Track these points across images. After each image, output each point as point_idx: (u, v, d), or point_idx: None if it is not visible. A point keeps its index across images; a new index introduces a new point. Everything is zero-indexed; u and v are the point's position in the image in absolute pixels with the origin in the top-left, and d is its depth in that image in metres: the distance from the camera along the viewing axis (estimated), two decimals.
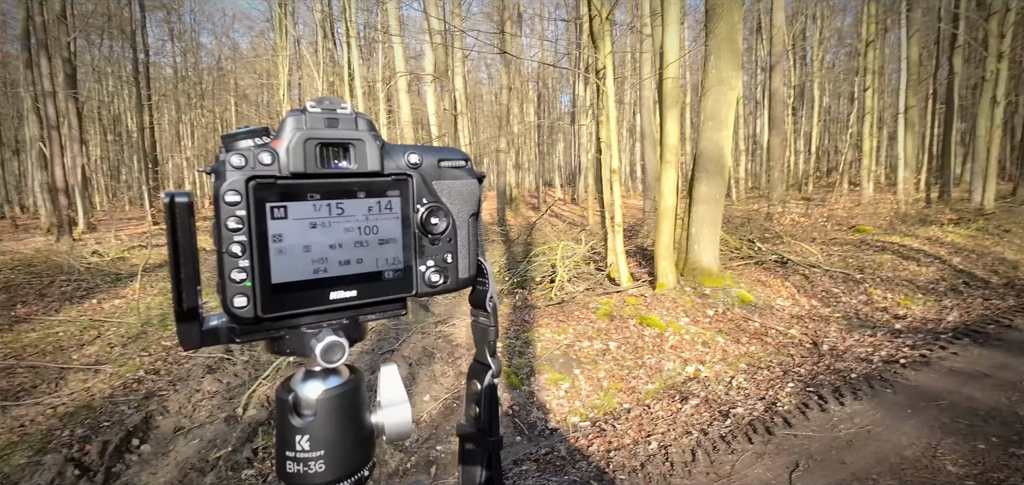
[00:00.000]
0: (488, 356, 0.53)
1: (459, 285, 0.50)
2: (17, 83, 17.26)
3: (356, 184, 0.43)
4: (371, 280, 0.45)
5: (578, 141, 22.09)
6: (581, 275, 7.04)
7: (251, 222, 0.39)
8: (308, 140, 0.41)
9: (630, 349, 4.92)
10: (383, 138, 0.45)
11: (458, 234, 0.49)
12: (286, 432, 0.43)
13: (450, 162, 0.48)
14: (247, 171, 0.39)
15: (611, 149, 6.74)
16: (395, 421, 0.46)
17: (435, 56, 13.33)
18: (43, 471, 3.08)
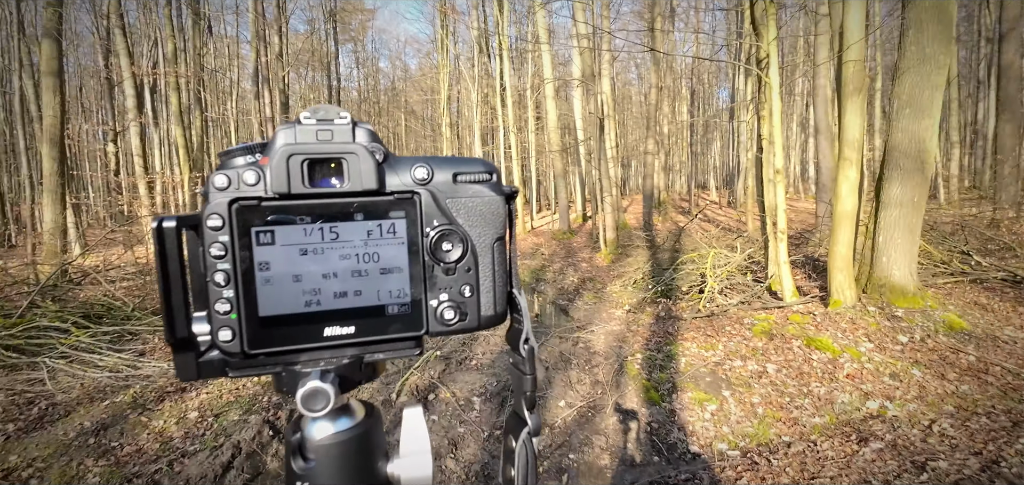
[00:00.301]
0: (525, 409, 0.44)
1: (482, 324, 0.42)
2: (248, 111, 21.62)
3: (351, 205, 0.38)
4: (372, 315, 0.39)
5: (737, 139, 20.21)
6: (735, 286, 6.40)
7: (234, 249, 0.36)
8: (292, 156, 0.36)
9: (793, 374, 4.31)
10: (386, 150, 0.39)
11: (479, 262, 0.41)
12: (290, 477, 0.38)
13: (469, 176, 0.41)
14: (231, 192, 0.36)
15: (774, 146, 6.01)
16: (413, 474, 0.40)
17: (582, 61, 13.33)
18: (248, 428, 3.77)
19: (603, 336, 5.64)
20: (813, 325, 5.13)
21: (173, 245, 0.35)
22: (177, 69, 13.47)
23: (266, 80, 16.17)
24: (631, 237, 13.49)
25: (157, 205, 13.35)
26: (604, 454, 3.53)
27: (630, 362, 4.84)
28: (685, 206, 21.93)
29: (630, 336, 5.58)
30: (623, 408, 4.05)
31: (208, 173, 0.34)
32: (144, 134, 13.59)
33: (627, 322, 6.13)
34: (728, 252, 7.03)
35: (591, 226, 15.31)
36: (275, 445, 3.69)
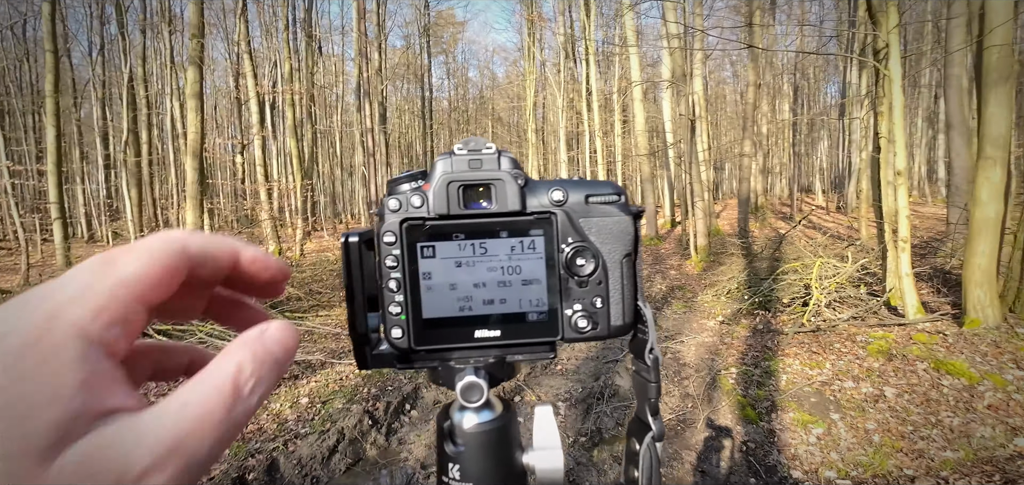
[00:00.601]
0: (649, 415, 0.47)
1: (612, 333, 0.46)
2: (351, 123, 23.38)
3: (497, 224, 0.43)
4: (515, 321, 0.44)
5: (847, 138, 18.38)
6: (845, 300, 5.84)
7: (404, 261, 0.42)
8: (451, 182, 0.42)
9: (918, 400, 3.85)
10: (526, 176, 0.44)
11: (609, 276, 0.45)
12: (442, 457, 0.44)
13: (600, 197, 0.45)
14: (401, 213, 0.42)
15: (895, 145, 5.41)
16: (546, 466, 0.44)
17: (673, 61, 12.87)
18: (350, 416, 4.09)
19: (694, 348, 5.41)
20: (943, 346, 4.54)
21: (356, 256, 0.43)
22: (293, 87, 14.93)
23: (367, 94, 17.40)
24: (724, 244, 12.76)
25: (274, 209, 14.87)
26: (695, 471, 3.39)
27: (723, 376, 4.59)
28: (786, 211, 20.32)
29: (723, 349, 5.30)
30: (716, 424, 3.86)
31: (383, 197, 0.43)
32: (265, 146, 15.21)
33: (720, 334, 5.82)
34: (837, 262, 6.42)
35: (680, 232, 14.68)
36: (374, 434, 3.97)
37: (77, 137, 21.74)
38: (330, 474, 3.57)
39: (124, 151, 15.70)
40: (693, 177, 11.08)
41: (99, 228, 20.39)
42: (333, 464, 3.64)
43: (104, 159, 20.33)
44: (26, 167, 16.73)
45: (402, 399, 4.46)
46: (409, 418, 4.30)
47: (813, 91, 28.63)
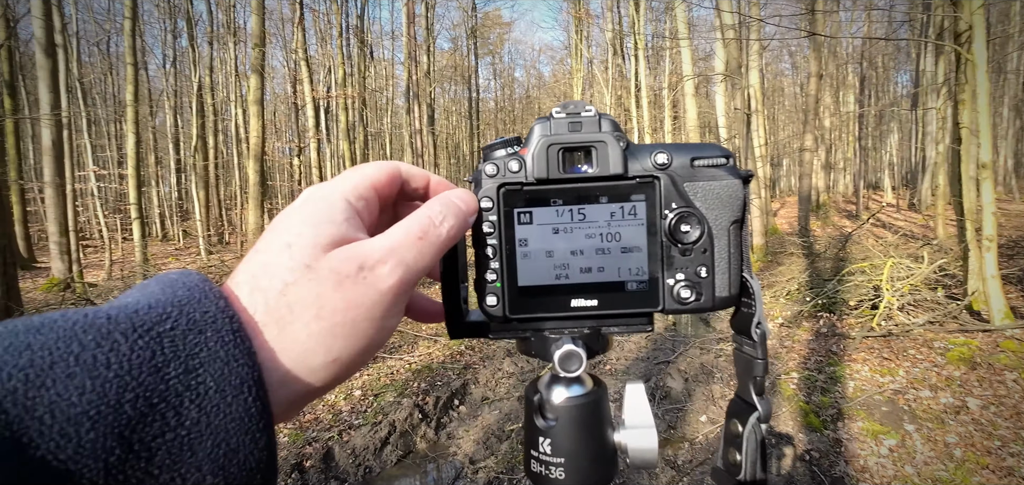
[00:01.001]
0: (754, 394, 0.44)
1: (716, 304, 0.43)
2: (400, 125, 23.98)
3: (598, 189, 0.42)
4: (613, 290, 0.42)
5: (921, 130, 17.09)
6: (920, 303, 5.42)
7: (501, 227, 0.41)
8: (551, 145, 0.41)
9: (1006, 413, 3.52)
10: (628, 139, 0.42)
11: (715, 244, 0.42)
12: (532, 431, 0.43)
13: (706, 160, 0.42)
14: (498, 179, 0.41)
15: (978, 136, 4.97)
16: (640, 445, 0.42)
17: (727, 53, 12.38)
18: (401, 409, 4.18)
19: None
20: None
21: None
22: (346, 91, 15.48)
23: (416, 96, 17.79)
24: (783, 243, 12.17)
25: None
26: None
27: (784, 381, 4.37)
28: (851, 209, 19.16)
29: (783, 352, 5.04)
30: (776, 431, 3.68)
31: (478, 164, 0.42)
32: (320, 148, 15.85)
33: (780, 337, 5.55)
34: (911, 263, 5.96)
35: None
36: (423, 427, 4.05)
37: (152, 143, 23.44)
38: (382, 465, 3.67)
39: (193, 156, 16.79)
40: None
41: (171, 228, 21.91)
42: (385, 455, 3.74)
43: (176, 163, 21.83)
44: (109, 171, 18.21)
45: (451, 394, 4.51)
46: (458, 413, 4.35)
47: (882, 80, 26.81)
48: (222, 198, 21.03)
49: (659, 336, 5.79)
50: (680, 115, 18.28)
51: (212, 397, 0.25)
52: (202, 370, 0.25)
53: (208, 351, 0.25)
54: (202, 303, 0.27)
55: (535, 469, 0.43)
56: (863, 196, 18.72)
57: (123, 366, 0.23)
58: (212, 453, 0.24)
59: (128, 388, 0.23)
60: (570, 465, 0.41)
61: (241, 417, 0.25)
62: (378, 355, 5.46)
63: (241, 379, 0.26)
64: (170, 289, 0.27)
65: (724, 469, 0.47)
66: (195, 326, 0.26)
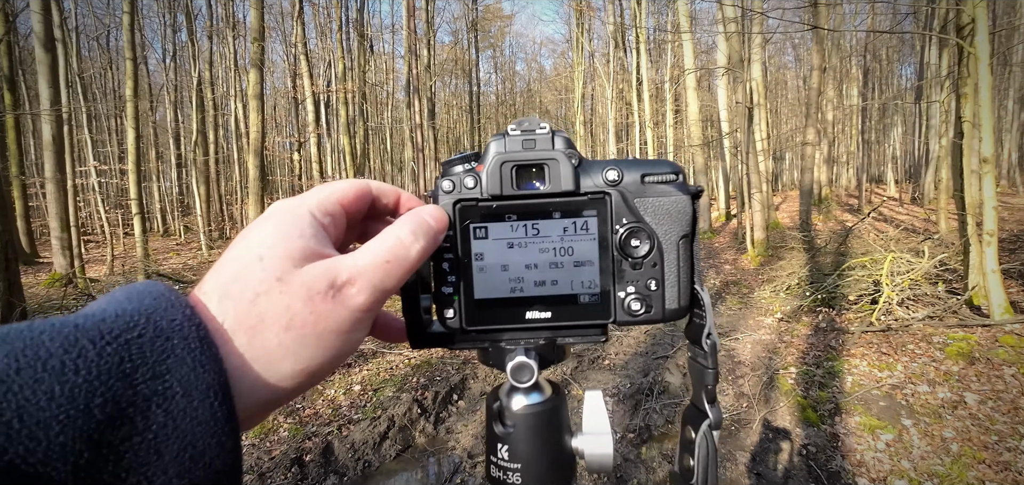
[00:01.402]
0: (706, 402, 0.45)
1: (667, 316, 0.44)
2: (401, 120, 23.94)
3: (551, 205, 0.43)
4: (566, 303, 0.43)
5: (924, 123, 17.00)
6: (920, 298, 5.41)
7: (457, 242, 0.42)
8: (504, 163, 0.42)
9: (1004, 408, 3.52)
10: (580, 155, 0.43)
11: (665, 258, 0.43)
12: (491, 438, 0.44)
13: (656, 177, 0.43)
14: (454, 195, 0.42)
15: (981, 130, 4.94)
16: (596, 451, 0.43)
17: (729, 46, 12.31)
18: (400, 404, 4.20)
19: (750, 345, 5.18)
20: None
21: None
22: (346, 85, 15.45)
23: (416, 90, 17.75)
24: (784, 237, 12.14)
25: None
26: (750, 474, 3.25)
27: (782, 376, 4.37)
28: (853, 203, 19.10)
29: (782, 347, 5.04)
30: (773, 426, 3.69)
31: (436, 177, 0.43)
32: (320, 143, 15.84)
33: (779, 331, 5.55)
34: (911, 257, 5.95)
35: (735, 225, 14.12)
36: (422, 422, 4.06)
37: (153, 138, 23.45)
38: (381, 459, 3.68)
39: (194, 151, 16.80)
40: (750, 167, 10.60)
41: (173, 223, 21.96)
42: (384, 450, 3.75)
43: (176, 158, 21.84)
44: (110, 167, 18.24)
45: (450, 389, 4.53)
46: (457, 408, 4.36)
47: (885, 74, 26.66)
48: (223, 193, 21.03)
49: (658, 332, 5.79)
50: (682, 108, 18.21)
51: (179, 401, 0.25)
52: (169, 376, 0.26)
53: (175, 357, 0.26)
54: (169, 312, 0.27)
55: (494, 474, 0.44)
56: (866, 190, 18.66)
57: (91, 371, 0.23)
58: (179, 456, 0.25)
59: (97, 393, 0.23)
60: (526, 470, 0.42)
61: (207, 421, 0.26)
62: (378, 350, 5.47)
63: (207, 384, 0.26)
64: (137, 298, 0.28)
65: (680, 474, 0.48)
66: (162, 333, 0.26)
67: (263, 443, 3.79)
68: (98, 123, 22.08)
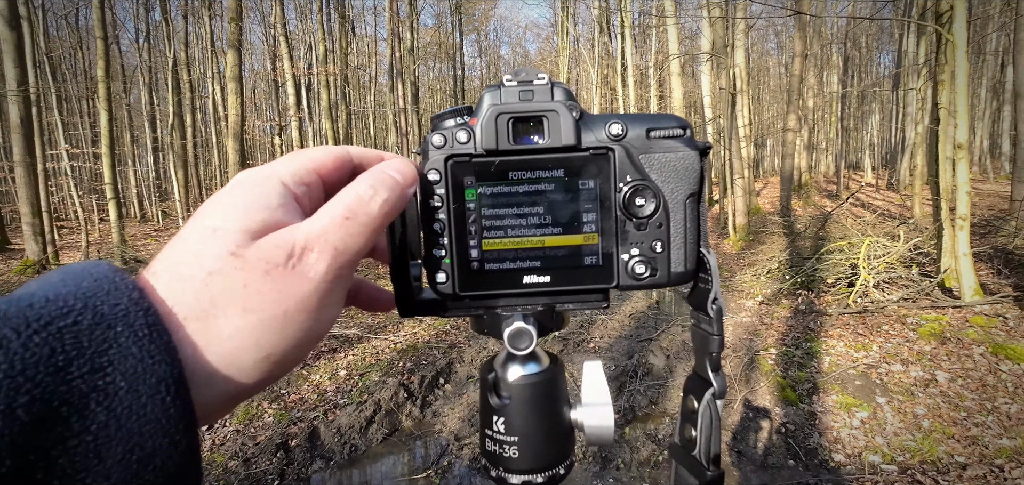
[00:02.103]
0: (709, 370, 0.43)
1: (672, 280, 0.42)
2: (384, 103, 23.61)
3: (550, 160, 0.40)
4: (566, 266, 0.41)
5: (902, 111, 17.34)
6: (895, 280, 5.56)
7: (449, 201, 0.39)
8: (500, 115, 0.39)
9: (973, 385, 3.66)
10: (582, 108, 0.40)
11: (671, 218, 0.41)
12: (486, 410, 0.42)
13: (662, 131, 0.40)
14: (446, 150, 0.39)
15: (956, 117, 5.06)
16: (596, 422, 0.41)
17: (713, 32, 12.36)
18: (386, 388, 4.20)
19: (731, 328, 5.28)
20: (1003, 330, 4.28)
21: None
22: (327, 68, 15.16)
23: (399, 74, 17.49)
24: (765, 223, 12.35)
25: None
26: (730, 451, 3.33)
27: (762, 357, 4.47)
28: (832, 189, 19.47)
29: (763, 329, 5.15)
30: (753, 405, 3.78)
31: (425, 134, 0.39)
32: (302, 127, 15.56)
33: (759, 314, 5.66)
34: (887, 241, 6.10)
35: (718, 211, 14.29)
36: (409, 406, 4.07)
37: (127, 121, 22.78)
38: (367, 443, 3.69)
39: (170, 134, 16.37)
40: (733, 153, 10.72)
41: (150, 208, 21.44)
42: (370, 434, 3.76)
43: (153, 142, 21.26)
44: (83, 150, 17.69)
45: (436, 373, 4.54)
46: (443, 391, 4.38)
47: (865, 61, 27.10)
48: (201, 177, 20.58)
49: (642, 314, 5.87)
50: (666, 94, 18.28)
51: (123, 398, 0.22)
52: (111, 369, 0.22)
53: (119, 348, 0.23)
54: (112, 295, 0.24)
55: (489, 448, 0.42)
56: (844, 176, 19.02)
57: (14, 366, 0.20)
58: (124, 459, 0.22)
59: (21, 391, 0.20)
60: (524, 444, 0.40)
61: (158, 419, 0.23)
62: (363, 335, 5.45)
63: (158, 377, 0.23)
64: (74, 281, 0.24)
65: (681, 445, 0.47)
66: (103, 320, 0.23)
67: (247, 429, 3.76)
68: (69, 105, 21.35)
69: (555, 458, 0.42)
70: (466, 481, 3.32)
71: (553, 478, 0.42)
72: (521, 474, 0.41)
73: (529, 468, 0.41)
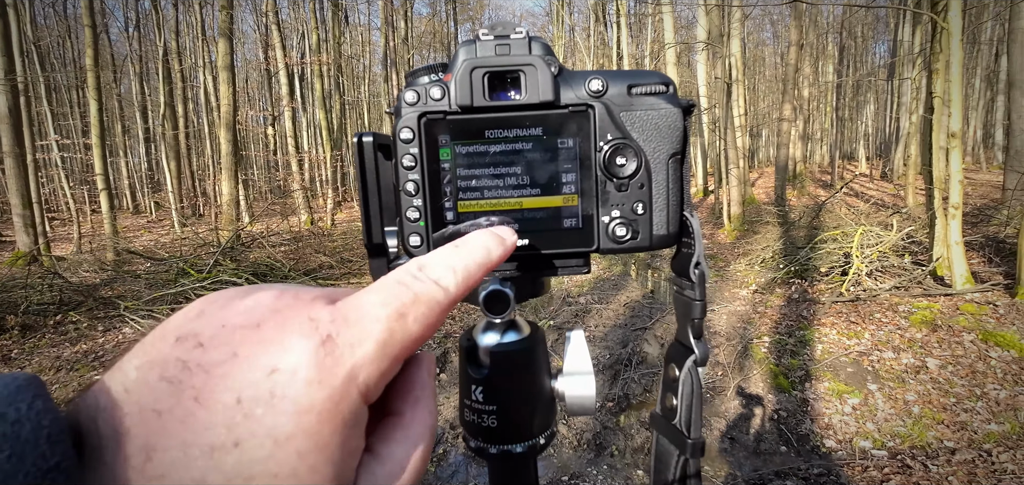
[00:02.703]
0: (691, 337, 0.42)
1: (654, 243, 0.40)
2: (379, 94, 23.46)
3: (527, 117, 0.38)
4: (545, 229, 0.39)
5: (896, 100, 17.39)
6: (887, 269, 5.60)
7: (423, 160, 0.38)
8: (475, 69, 0.37)
9: (962, 372, 3.69)
10: (561, 64, 0.38)
11: (653, 178, 0.39)
12: (465, 380, 0.41)
13: (645, 87, 0.39)
14: (419, 107, 0.37)
15: (950, 105, 5.07)
16: (577, 392, 0.40)
17: (709, 21, 12.33)
18: None
19: (725, 316, 5.31)
20: (993, 317, 4.32)
21: (371, 158, 0.40)
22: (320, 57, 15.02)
23: (393, 64, 17.36)
24: (759, 212, 12.38)
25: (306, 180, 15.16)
26: (723, 438, 3.36)
27: (755, 345, 4.50)
28: (826, 179, 19.53)
29: (756, 317, 5.18)
30: (746, 392, 3.80)
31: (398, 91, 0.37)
32: (295, 117, 15.44)
33: (753, 303, 5.69)
34: (880, 230, 6.13)
35: (713, 201, 14.33)
36: None
37: (118, 112, 22.54)
38: None
39: (162, 124, 16.21)
40: (728, 143, 10.72)
41: (143, 200, 21.28)
42: None
43: (144, 133, 21.06)
44: (73, 140, 17.50)
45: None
46: (438, 381, 4.38)
47: (860, 51, 27.11)
48: (194, 169, 20.43)
49: (637, 303, 5.88)
50: None
51: None
52: None
53: None
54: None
55: (467, 418, 0.41)
56: (838, 166, 19.09)
57: None
58: None
59: None
60: (502, 413, 0.40)
61: None
62: None
63: None
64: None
65: (661, 415, 0.46)
66: None
67: None
68: (58, 95, 21.11)
69: (536, 427, 0.41)
70: (462, 469, 3.33)
71: (533, 448, 0.41)
72: (500, 444, 0.40)
73: (507, 438, 0.40)
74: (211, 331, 0.20)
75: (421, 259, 0.26)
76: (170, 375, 0.18)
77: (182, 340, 0.19)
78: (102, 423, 0.18)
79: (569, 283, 6.77)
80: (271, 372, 0.19)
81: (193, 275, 6.37)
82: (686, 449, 0.44)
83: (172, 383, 0.18)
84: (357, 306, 0.22)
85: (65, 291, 6.10)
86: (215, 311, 0.21)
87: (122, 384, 0.18)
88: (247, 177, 16.31)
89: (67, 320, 5.41)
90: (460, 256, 0.27)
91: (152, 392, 0.18)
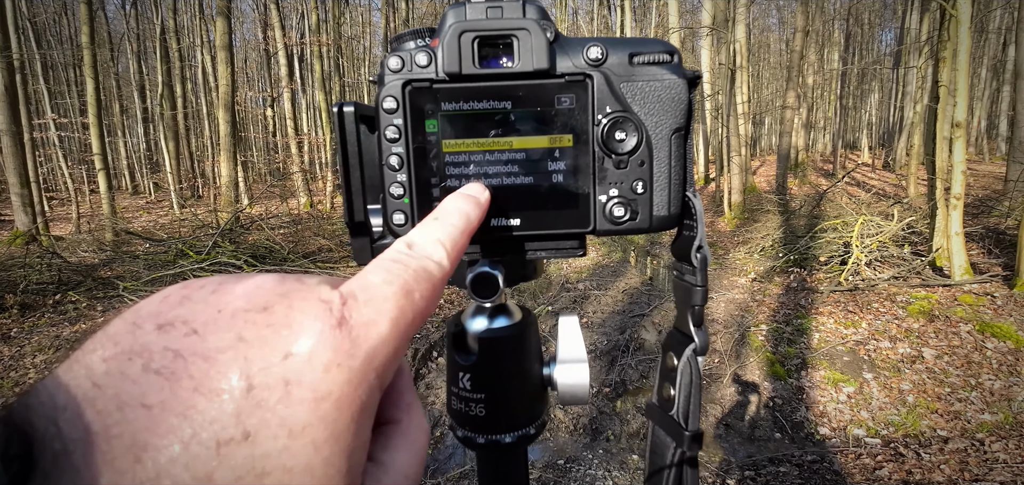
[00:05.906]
0: (691, 325, 0.40)
1: (653, 225, 0.37)
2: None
3: (520, 87, 0.35)
4: (538, 208, 0.37)
5: (901, 89, 17.24)
6: (887, 259, 5.59)
7: (408, 133, 0.35)
8: (464, 33, 0.34)
9: (958, 362, 3.70)
10: (557, 29, 0.35)
11: (654, 155, 0.36)
12: (451, 366, 0.39)
13: (647, 56, 0.36)
14: (404, 74, 0.34)
15: (956, 94, 5.02)
16: (570, 380, 0.38)
17: (714, 6, 12.17)
18: None
19: (723, 304, 5.31)
20: (991, 308, 4.32)
21: (352, 129, 0.37)
22: (320, 38, 14.87)
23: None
24: (760, 201, 12.35)
25: (305, 162, 15.09)
26: (719, 424, 3.38)
27: (753, 333, 4.51)
28: (828, 168, 19.45)
29: (754, 306, 5.18)
30: (743, 379, 3.82)
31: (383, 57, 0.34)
32: (294, 99, 15.33)
33: (751, 291, 5.69)
34: (881, 220, 6.11)
35: (714, 189, 14.29)
36: None
37: (116, 91, 22.37)
38: None
39: (160, 104, 16.10)
40: (730, 130, 10.65)
41: (142, 180, 21.21)
42: None
43: (142, 112, 20.93)
44: (71, 119, 17.39)
45: (429, 346, 4.55)
46: (436, 364, 4.40)
47: (867, 38, 26.82)
48: (193, 149, 20.33)
49: (635, 290, 5.88)
50: None
51: None
52: None
53: None
54: None
55: (455, 406, 0.39)
56: (840, 155, 18.99)
57: None
58: None
59: None
60: (491, 401, 0.38)
61: None
62: None
63: None
64: None
65: (658, 405, 0.45)
66: None
67: None
68: (55, 74, 20.92)
69: (526, 418, 0.39)
70: (459, 453, 3.35)
71: (522, 438, 0.39)
72: (488, 434, 0.39)
73: (496, 427, 0.39)
74: (206, 317, 0.18)
75: (408, 237, 0.26)
76: (159, 365, 0.17)
77: (167, 327, 0.18)
78: (65, 424, 0.15)
79: (567, 269, 6.77)
80: (285, 357, 0.18)
81: (192, 256, 6.36)
82: (684, 442, 0.42)
83: (162, 374, 0.16)
84: (365, 286, 0.21)
85: (64, 271, 6.10)
86: (205, 296, 0.19)
87: (87, 379, 0.16)
88: (246, 159, 16.24)
89: (66, 299, 5.41)
90: (443, 227, 0.27)
91: (136, 385, 0.16)
